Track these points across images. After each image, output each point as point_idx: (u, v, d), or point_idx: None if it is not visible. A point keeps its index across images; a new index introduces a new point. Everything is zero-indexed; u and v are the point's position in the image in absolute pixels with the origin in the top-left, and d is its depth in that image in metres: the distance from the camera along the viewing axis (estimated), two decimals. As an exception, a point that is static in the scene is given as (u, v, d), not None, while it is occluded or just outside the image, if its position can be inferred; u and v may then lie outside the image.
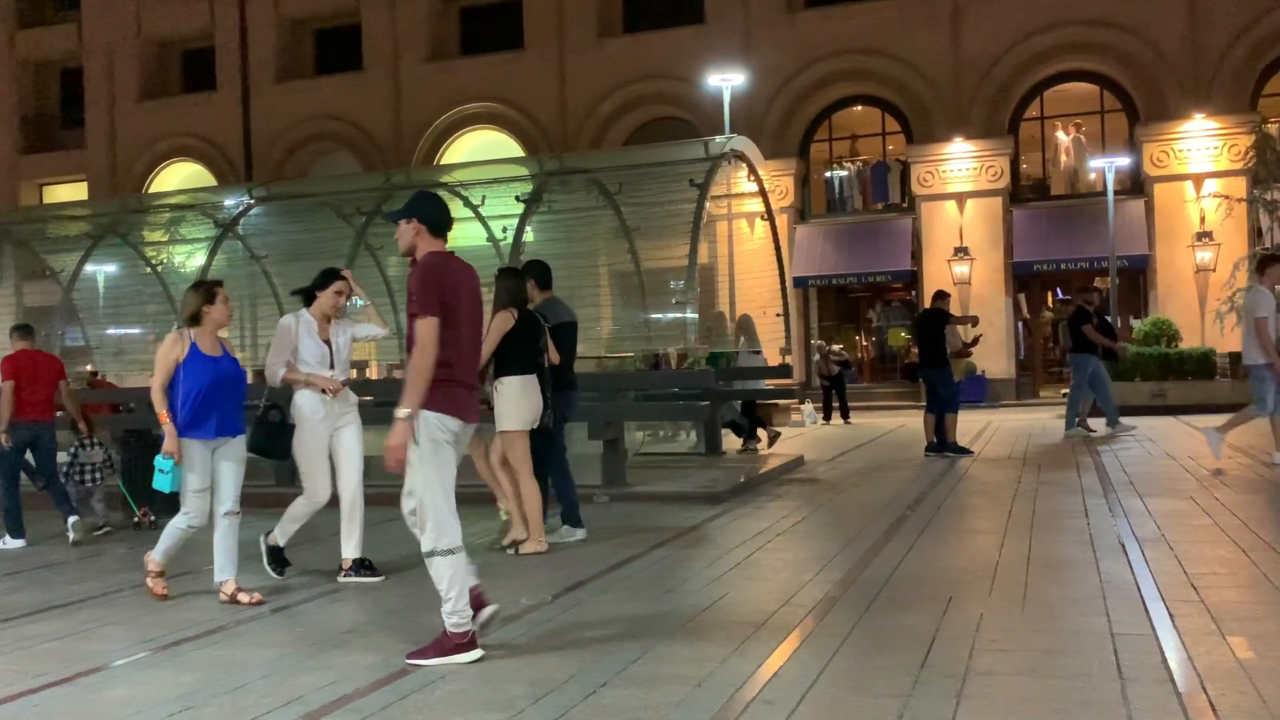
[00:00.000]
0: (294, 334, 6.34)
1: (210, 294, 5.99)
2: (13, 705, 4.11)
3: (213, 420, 5.81)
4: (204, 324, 5.92)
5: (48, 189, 33.41)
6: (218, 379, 5.86)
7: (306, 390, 6.32)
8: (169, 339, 5.96)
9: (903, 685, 3.91)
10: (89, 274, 14.42)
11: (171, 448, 5.74)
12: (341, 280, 6.48)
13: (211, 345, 5.94)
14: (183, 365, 5.82)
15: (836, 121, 26.78)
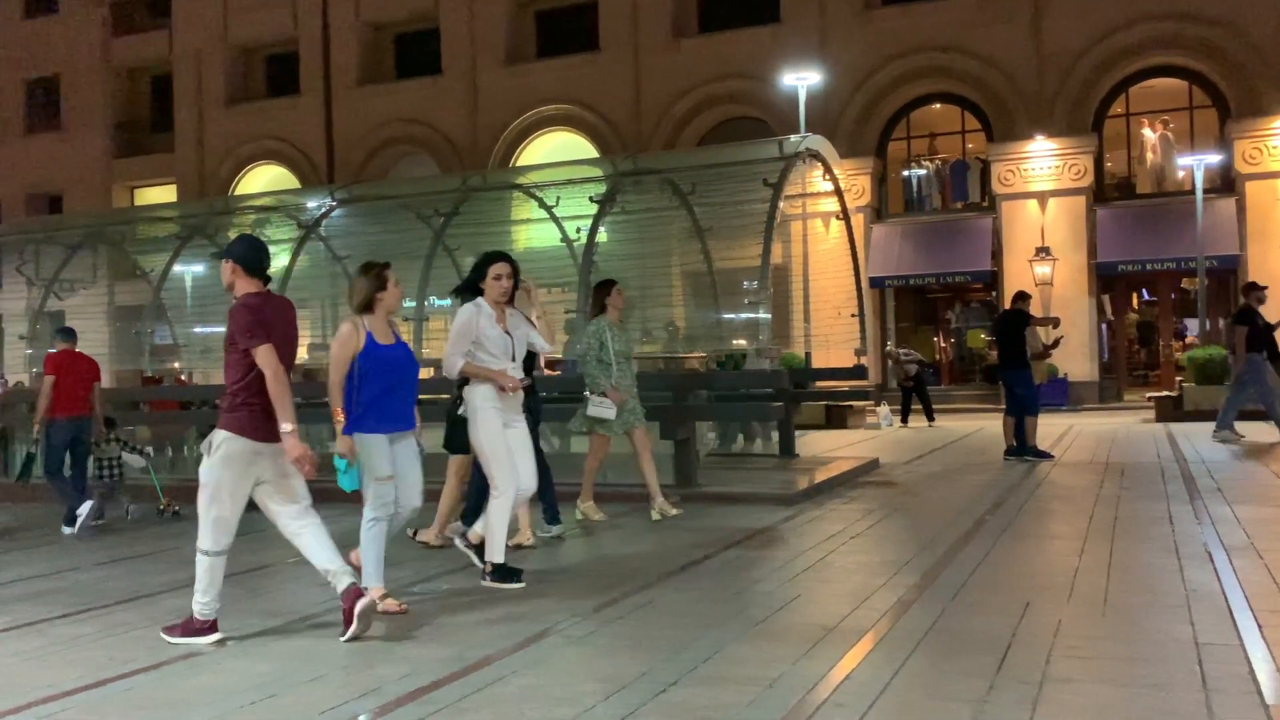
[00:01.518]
0: (475, 325, 5.98)
1: (381, 278, 5.48)
2: (104, 690, 4.26)
3: (392, 413, 5.41)
4: (376, 311, 5.47)
5: (139, 191, 34.49)
6: (396, 370, 5.45)
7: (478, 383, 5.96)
8: (345, 330, 5.43)
9: (977, 690, 3.85)
10: (177, 274, 14.84)
11: (344, 449, 5.25)
12: (499, 263, 6.07)
13: (385, 333, 5.48)
14: (360, 357, 5.35)
15: (915, 119, 26.43)
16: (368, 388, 5.34)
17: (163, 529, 8.93)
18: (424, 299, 11.96)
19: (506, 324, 6.09)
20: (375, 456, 5.33)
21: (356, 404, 5.33)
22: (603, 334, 7.95)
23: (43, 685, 4.31)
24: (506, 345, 6.04)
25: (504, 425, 5.98)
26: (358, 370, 5.34)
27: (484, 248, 14.13)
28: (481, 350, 5.99)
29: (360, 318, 5.46)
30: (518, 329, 6.15)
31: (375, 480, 5.34)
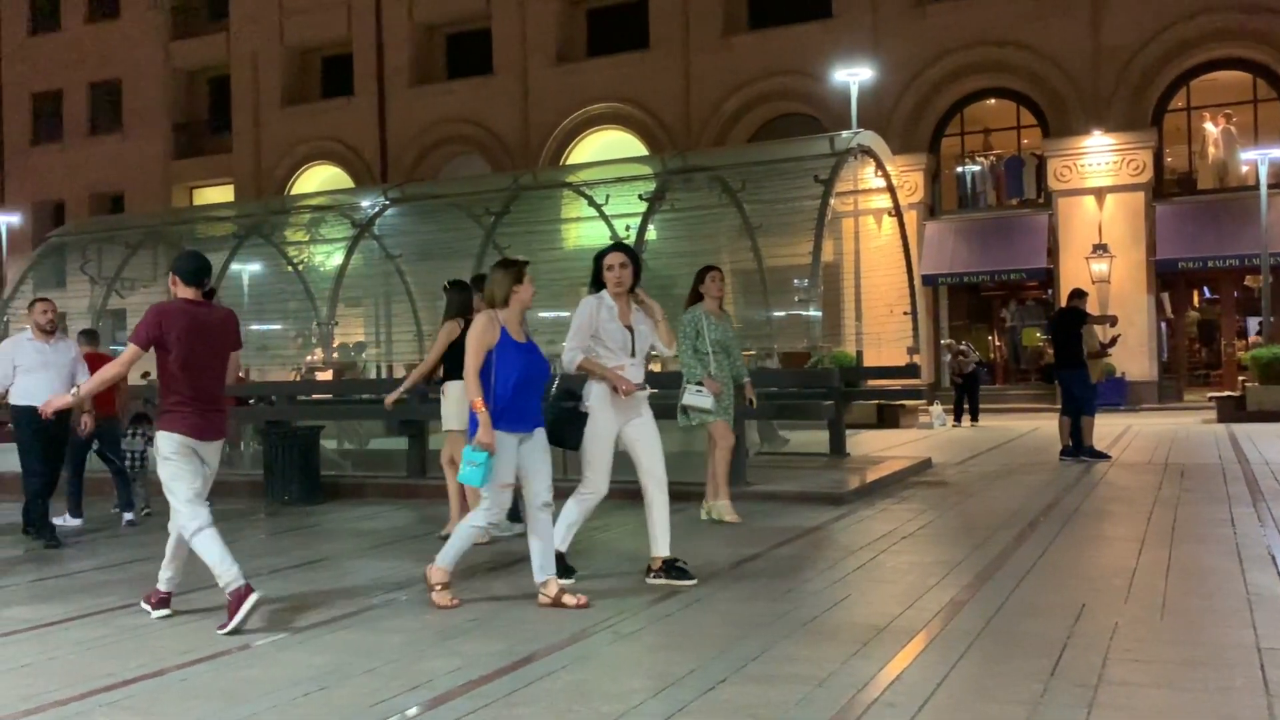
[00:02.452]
0: (595, 317, 5.78)
1: (520, 274, 5.46)
2: (163, 679, 4.34)
3: (523, 412, 5.35)
4: (512, 305, 5.41)
5: (197, 191, 35.14)
6: (529, 368, 5.39)
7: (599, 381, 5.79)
8: (482, 321, 5.37)
9: (1031, 692, 3.79)
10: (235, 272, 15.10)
11: (487, 439, 5.19)
12: (611, 253, 5.93)
13: (518, 330, 5.43)
14: (494, 352, 5.31)
15: (969, 115, 26.11)
16: (502, 385, 5.27)
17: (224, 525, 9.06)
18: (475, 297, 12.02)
19: (630, 319, 5.87)
20: (500, 461, 5.26)
21: (491, 400, 5.26)
22: (699, 323, 7.71)
23: (103, 674, 4.40)
24: (625, 340, 5.83)
25: (624, 423, 5.80)
26: (493, 365, 5.29)
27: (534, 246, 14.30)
28: (599, 344, 5.79)
29: (496, 312, 5.39)
30: (640, 324, 5.90)
31: (497, 486, 5.30)
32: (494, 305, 5.43)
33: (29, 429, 7.92)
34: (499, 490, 5.33)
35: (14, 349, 8.15)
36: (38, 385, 7.88)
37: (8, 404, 8.06)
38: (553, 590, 5.33)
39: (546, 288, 14.69)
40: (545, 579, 5.36)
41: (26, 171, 37.45)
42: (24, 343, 8.14)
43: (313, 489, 10.05)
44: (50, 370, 8.04)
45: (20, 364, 8.00)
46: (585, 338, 5.79)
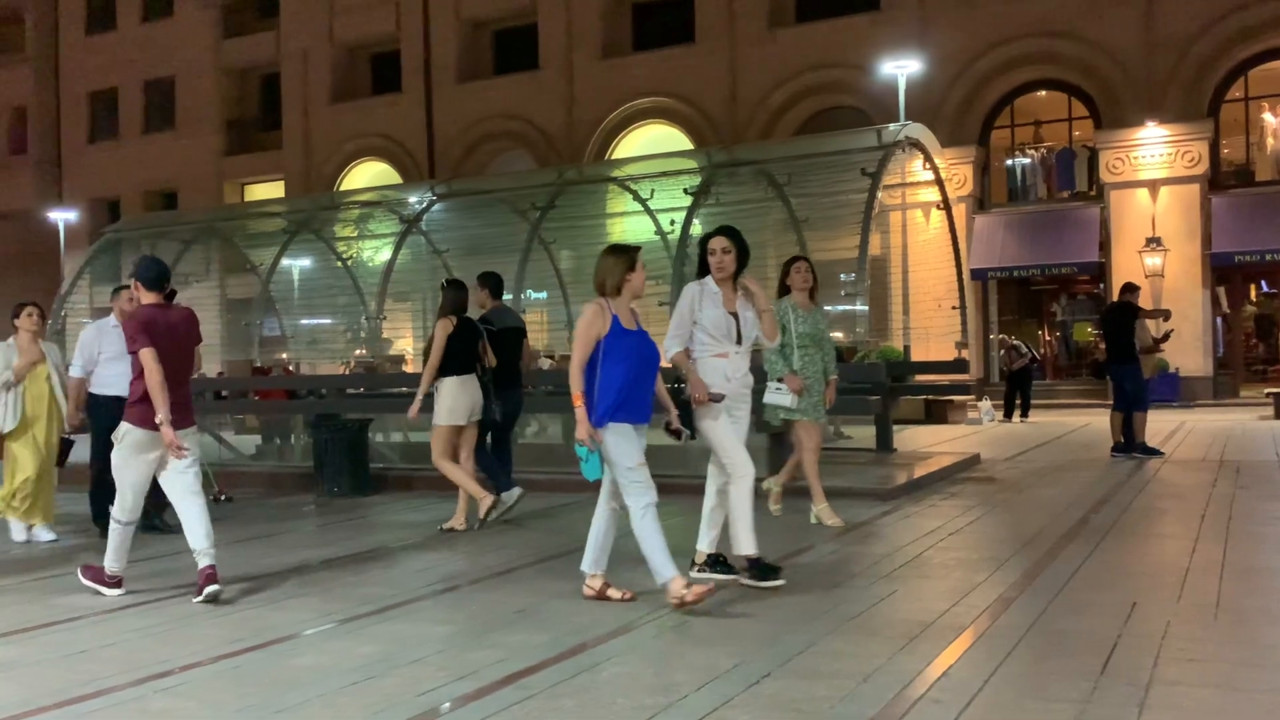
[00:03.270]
0: (696, 304, 5.57)
1: (633, 260, 5.27)
2: (214, 667, 4.42)
3: (635, 404, 5.15)
4: (624, 294, 5.23)
5: (249, 188, 35.65)
6: (640, 358, 5.19)
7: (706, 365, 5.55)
8: (590, 311, 5.19)
9: (1080, 691, 3.74)
10: (285, 267, 15.28)
11: (584, 435, 5.05)
12: (714, 237, 5.68)
13: (629, 318, 5.25)
14: (605, 342, 5.13)
15: (1019, 107, 25.76)
16: (611, 375, 5.11)
17: (274, 514, 9.23)
18: (520, 292, 12.09)
19: (735, 305, 5.61)
20: (624, 446, 5.11)
21: (597, 392, 5.11)
22: (785, 315, 7.26)
23: (158, 661, 4.49)
24: (729, 327, 5.56)
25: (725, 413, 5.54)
26: (600, 355, 5.12)
27: (579, 241, 14.34)
28: (702, 332, 5.55)
29: (606, 300, 5.21)
30: (747, 311, 5.63)
31: (628, 470, 5.12)
32: (604, 293, 5.23)
33: (110, 419, 7.67)
34: (637, 469, 5.12)
35: (98, 335, 7.99)
36: (120, 374, 7.61)
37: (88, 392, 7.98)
38: (598, 585, 5.30)
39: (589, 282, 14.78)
40: (596, 572, 5.33)
41: (83, 169, 38.22)
42: (109, 329, 7.94)
43: (362, 481, 10.17)
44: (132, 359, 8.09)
45: (104, 351, 7.87)
46: (686, 327, 5.57)
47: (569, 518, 8.48)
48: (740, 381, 5.61)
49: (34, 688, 4.16)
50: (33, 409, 7.97)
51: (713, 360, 5.57)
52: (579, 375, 5.12)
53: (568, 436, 12.60)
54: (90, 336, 8.11)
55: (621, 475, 5.14)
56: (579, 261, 14.63)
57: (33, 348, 8.02)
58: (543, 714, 3.67)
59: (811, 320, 7.39)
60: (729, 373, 5.56)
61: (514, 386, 8.29)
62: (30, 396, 7.96)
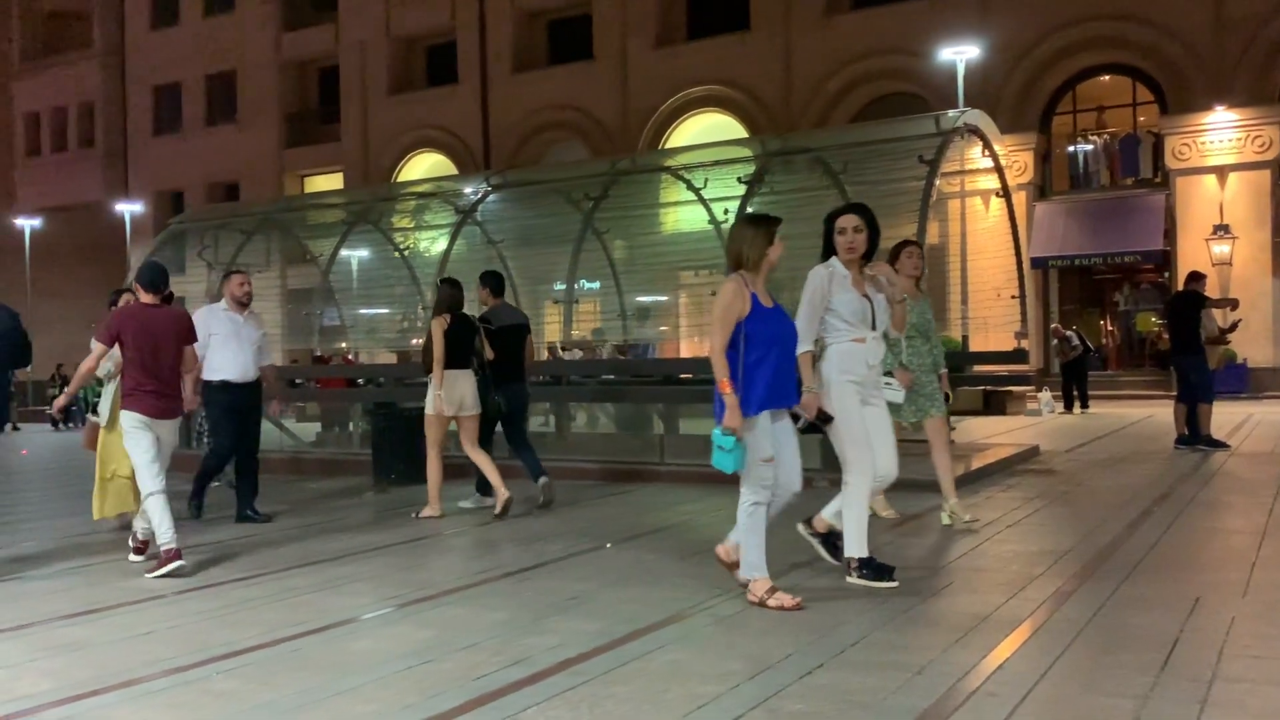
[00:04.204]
0: (826, 288, 5.21)
1: (772, 233, 4.93)
2: (275, 649, 4.51)
3: (776, 387, 4.86)
4: (761, 270, 4.93)
5: (308, 179, 36.17)
6: (780, 337, 4.90)
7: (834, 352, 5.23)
8: (729, 289, 4.86)
9: (1140, 686, 3.68)
10: (344, 258, 15.47)
11: (735, 423, 4.74)
12: (844, 215, 5.33)
13: (765, 295, 4.94)
14: (745, 322, 4.81)
15: (1081, 92, 25.27)
16: (756, 360, 4.80)
17: (333, 502, 9.38)
18: (574, 282, 12.13)
19: (866, 288, 5.28)
20: (758, 435, 4.84)
21: (741, 379, 4.80)
22: None
23: (219, 643, 4.60)
24: (864, 311, 5.23)
25: (861, 402, 5.26)
26: (743, 337, 4.81)
27: (632, 230, 14.32)
28: (835, 317, 5.21)
29: (744, 275, 4.90)
30: (878, 295, 5.31)
31: (759, 461, 4.85)
32: (741, 268, 4.90)
33: (221, 405, 7.93)
34: (761, 465, 4.87)
35: (209, 317, 7.96)
36: (230, 359, 7.88)
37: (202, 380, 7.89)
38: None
39: (643, 272, 14.78)
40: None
41: (149, 161, 39.04)
42: (219, 313, 8.02)
43: (418, 468, 10.28)
44: (242, 343, 7.95)
45: (215, 333, 7.87)
46: (817, 317, 5.19)
47: (620, 506, 8.52)
48: (879, 370, 5.34)
49: (103, 667, 4.29)
50: None
51: (850, 345, 5.23)
52: (723, 359, 4.79)
53: (623, 425, 12.65)
54: (200, 319, 7.82)
55: (749, 465, 4.86)
56: (632, 251, 14.63)
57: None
58: (596, 700, 3.69)
59: (919, 310, 6.87)
60: (869, 358, 5.25)
61: (517, 380, 8.60)
62: None
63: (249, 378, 8.07)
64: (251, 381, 8.11)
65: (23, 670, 4.28)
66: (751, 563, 4.95)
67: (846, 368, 5.21)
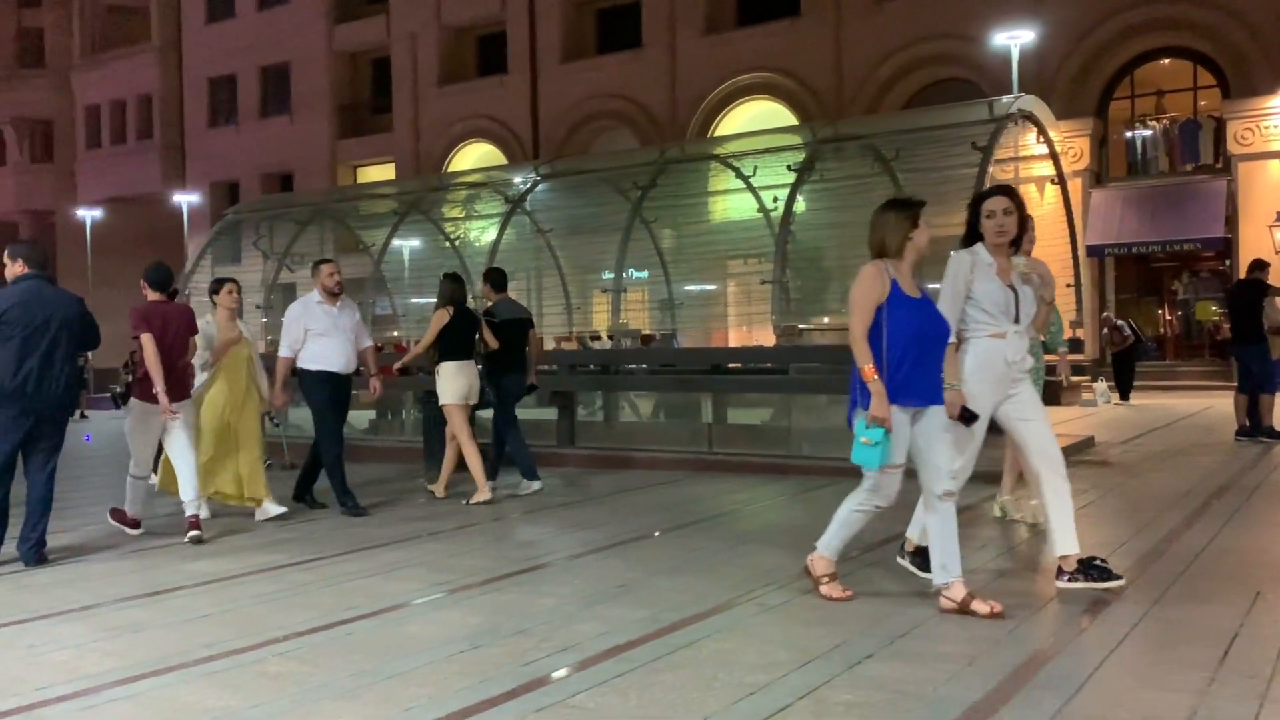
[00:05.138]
0: (967, 275, 4.88)
1: (916, 216, 4.66)
2: (329, 632, 4.59)
3: (919, 383, 4.58)
4: (906, 255, 4.65)
5: (361, 170, 36.52)
6: (925, 328, 4.62)
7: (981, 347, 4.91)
8: (868, 273, 4.64)
9: (1197, 681, 3.62)
10: (395, 248, 15.62)
11: (881, 413, 4.50)
12: (993, 198, 4.94)
13: (911, 284, 4.67)
14: (885, 309, 4.57)
15: (1139, 77, 24.73)
16: (894, 350, 4.55)
17: (385, 489, 9.49)
18: (622, 271, 12.14)
19: (1012, 277, 4.94)
20: (898, 430, 4.57)
21: (881, 367, 4.55)
22: None
23: (275, 626, 4.68)
24: (1007, 302, 4.88)
25: (1000, 400, 4.94)
26: (883, 325, 4.56)
27: (680, 219, 14.30)
28: (975, 308, 4.88)
29: (885, 262, 4.64)
30: (1025, 286, 4.98)
31: (883, 468, 4.59)
32: (883, 254, 4.65)
33: (323, 395, 7.91)
34: (888, 473, 4.63)
35: (304, 312, 7.93)
36: (333, 350, 7.85)
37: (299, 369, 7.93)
38: (958, 595, 4.54)
39: (690, 261, 14.75)
40: (947, 581, 4.59)
41: (204, 153, 39.66)
42: (313, 306, 7.95)
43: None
44: (340, 333, 7.92)
45: (311, 328, 7.85)
46: (958, 306, 4.87)
47: (668, 495, 8.53)
48: (1020, 366, 4.95)
49: (162, 648, 4.38)
50: (229, 389, 7.75)
51: (988, 341, 4.89)
52: (864, 345, 4.53)
53: (670, 414, 12.66)
54: (296, 313, 8.00)
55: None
56: (680, 240, 14.60)
57: (231, 326, 7.86)
58: (644, 687, 3.71)
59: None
60: (1009, 355, 4.90)
61: (518, 370, 8.91)
62: (225, 378, 7.76)
63: (350, 368, 8.04)
64: (352, 374, 8.09)
65: (87, 650, 4.39)
66: (831, 545, 4.85)
67: (985, 364, 4.87)
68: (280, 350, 7.99)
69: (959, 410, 4.75)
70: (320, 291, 7.98)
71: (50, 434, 6.39)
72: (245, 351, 7.90)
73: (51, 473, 6.43)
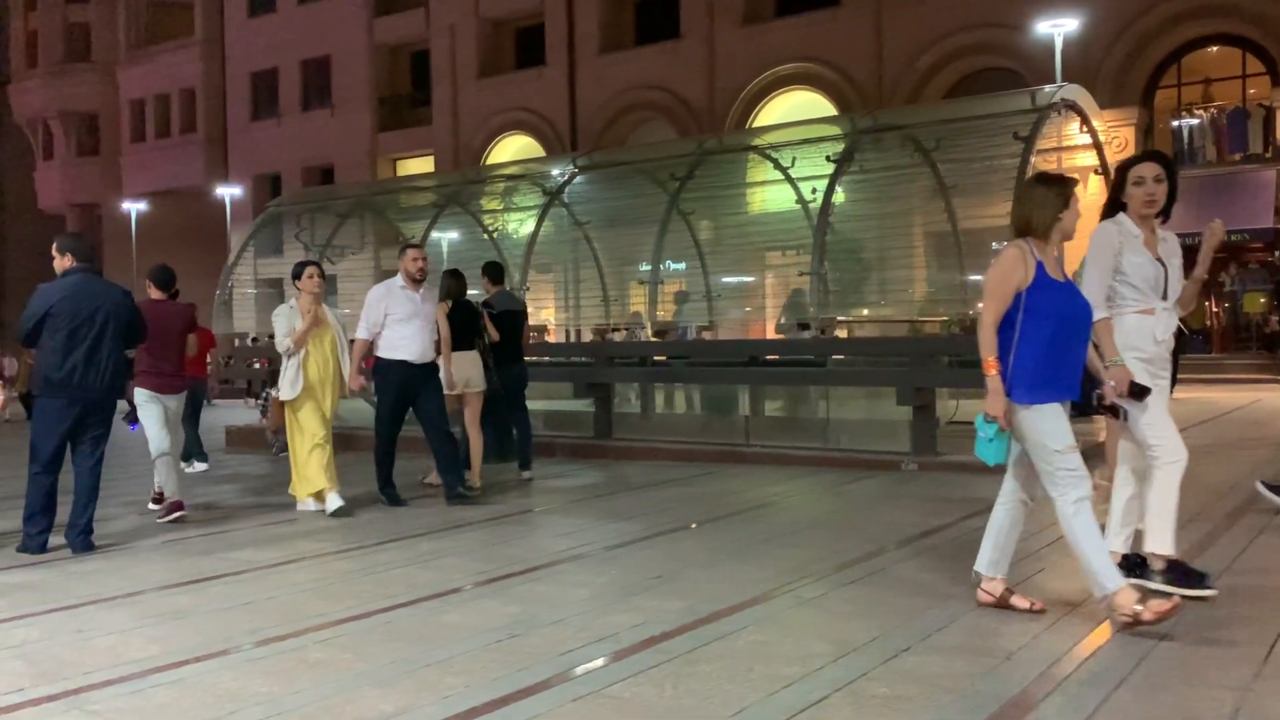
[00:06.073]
0: (1115, 247, 4.60)
1: (1068, 194, 4.31)
2: (368, 620, 4.64)
3: (1064, 377, 4.25)
4: (1051, 237, 4.33)
5: (400, 163, 36.77)
6: (1072, 316, 4.25)
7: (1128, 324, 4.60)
8: (1009, 256, 4.28)
9: (1240, 679, 3.57)
10: (434, 240, 15.69)
11: (996, 409, 4.21)
12: (1143, 163, 4.65)
13: (1056, 268, 4.33)
14: (1028, 294, 4.22)
15: (1186, 65, 24.32)
16: (1034, 338, 4.20)
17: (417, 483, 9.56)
18: (659, 263, 12.14)
19: (1160, 249, 4.64)
20: (1051, 424, 4.21)
21: (1016, 359, 4.23)
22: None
23: (315, 614, 4.74)
24: (1156, 277, 4.58)
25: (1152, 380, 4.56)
26: (1021, 312, 4.22)
27: (718, 210, 14.26)
28: (1123, 283, 4.59)
29: (1029, 243, 4.31)
30: (1174, 259, 4.67)
31: (1056, 454, 4.19)
32: (1028, 234, 4.33)
33: (393, 384, 7.75)
34: (1067, 452, 4.20)
35: (386, 295, 7.79)
36: (410, 338, 7.72)
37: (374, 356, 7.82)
38: (997, 590, 4.45)
39: (729, 253, 14.70)
40: (995, 575, 4.48)
41: (247, 146, 40.12)
42: (397, 291, 7.81)
43: (506, 447, 10.42)
44: (419, 320, 7.80)
45: (392, 312, 7.72)
46: (1107, 279, 4.56)
47: (705, 487, 8.53)
48: (1168, 345, 4.64)
49: (205, 634, 4.46)
50: (317, 375, 7.61)
51: (1135, 317, 4.59)
52: (991, 336, 4.25)
53: (708, 405, 12.65)
54: (378, 295, 7.85)
55: (1046, 460, 4.22)
56: (718, 232, 14.56)
57: (315, 310, 7.67)
58: (679, 678, 3.72)
59: None
60: (1158, 333, 4.59)
61: (516, 361, 9.29)
62: (314, 362, 7.61)
63: (427, 359, 7.89)
64: (429, 363, 7.94)
65: (132, 636, 4.48)
66: (1101, 572, 4.12)
67: (1132, 343, 4.53)
68: (358, 332, 7.84)
69: (1128, 385, 4.42)
70: (403, 276, 7.84)
71: (97, 424, 6.50)
72: (330, 335, 7.70)
73: (99, 461, 6.56)
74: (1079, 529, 4.17)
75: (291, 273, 7.90)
